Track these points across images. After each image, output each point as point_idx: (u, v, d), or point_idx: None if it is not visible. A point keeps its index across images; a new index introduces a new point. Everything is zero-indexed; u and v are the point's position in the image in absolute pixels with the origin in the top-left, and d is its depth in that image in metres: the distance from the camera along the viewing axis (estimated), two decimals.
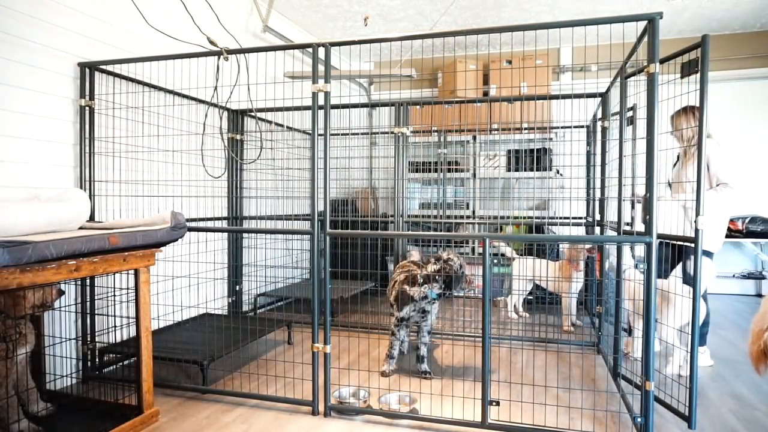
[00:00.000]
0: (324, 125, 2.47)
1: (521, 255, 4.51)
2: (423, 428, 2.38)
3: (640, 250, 3.74)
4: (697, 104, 2.22)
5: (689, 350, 2.24)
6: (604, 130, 3.50)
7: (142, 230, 2.28)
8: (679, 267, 3.08)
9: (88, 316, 2.84)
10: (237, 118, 4.12)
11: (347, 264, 4.91)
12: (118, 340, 3.04)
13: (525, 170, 5.30)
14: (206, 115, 3.25)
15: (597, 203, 3.79)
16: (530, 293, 4.61)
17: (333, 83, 3.07)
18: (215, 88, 2.89)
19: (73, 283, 2.81)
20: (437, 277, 2.88)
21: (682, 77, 2.42)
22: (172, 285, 3.45)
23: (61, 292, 2.21)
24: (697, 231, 2.22)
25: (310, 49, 2.47)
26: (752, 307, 4.99)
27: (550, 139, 5.33)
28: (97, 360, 2.90)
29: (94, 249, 2.05)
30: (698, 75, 2.23)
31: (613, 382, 2.93)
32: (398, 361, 3.20)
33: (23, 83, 2.58)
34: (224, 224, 4.09)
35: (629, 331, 3.45)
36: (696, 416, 2.25)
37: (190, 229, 2.66)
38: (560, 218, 4.94)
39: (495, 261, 5.08)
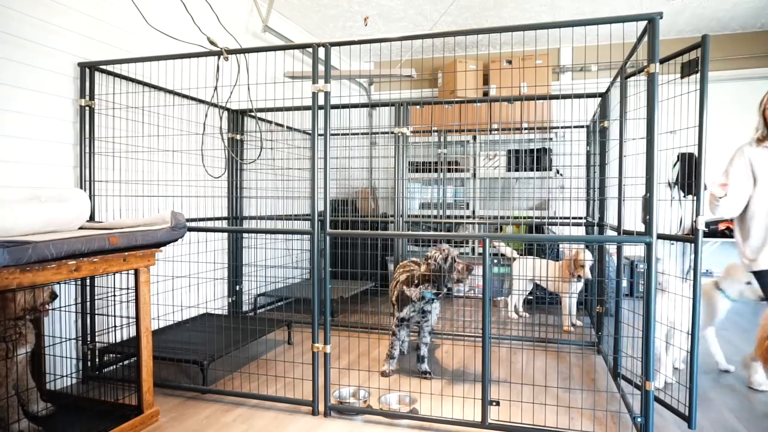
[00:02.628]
0: (324, 125, 2.47)
1: (521, 255, 4.51)
2: (423, 428, 2.38)
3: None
4: (698, 105, 2.22)
5: (689, 350, 2.24)
6: (603, 130, 3.50)
7: (142, 230, 2.28)
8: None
9: (88, 316, 2.84)
10: (237, 118, 4.12)
11: (347, 264, 4.92)
12: (118, 340, 3.04)
13: (525, 170, 5.30)
14: (206, 115, 3.25)
15: (597, 203, 3.79)
16: (530, 293, 4.61)
17: (333, 83, 3.07)
18: (215, 88, 2.89)
19: (73, 283, 2.81)
20: (427, 277, 2.89)
21: (682, 77, 2.42)
22: (172, 285, 3.45)
23: (54, 295, 2.20)
24: (696, 231, 2.23)
25: (310, 49, 2.47)
26: (753, 307, 4.99)
27: (550, 139, 5.33)
28: (97, 360, 2.90)
29: (94, 249, 2.05)
30: (698, 75, 2.23)
31: (613, 382, 2.93)
32: (398, 361, 3.20)
33: (23, 83, 2.58)
34: (224, 224, 4.09)
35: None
36: (696, 416, 2.25)
37: (190, 229, 2.66)
38: (560, 218, 4.94)
39: (495, 261, 5.08)
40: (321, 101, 2.46)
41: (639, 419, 2.16)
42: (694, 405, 2.23)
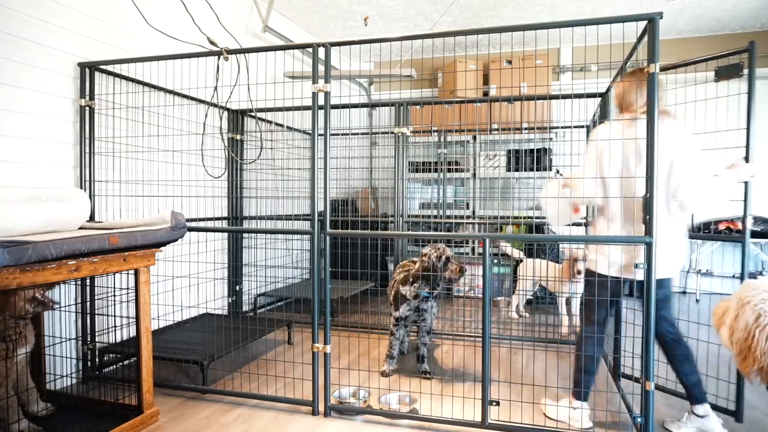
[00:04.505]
0: (324, 125, 2.47)
1: (526, 256, 4.51)
2: (423, 428, 2.38)
3: None
4: (746, 107, 2.27)
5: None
6: None
7: (142, 230, 2.28)
8: None
9: (88, 316, 2.84)
10: (237, 118, 4.12)
11: (347, 264, 4.91)
12: (118, 340, 3.04)
13: (525, 170, 5.30)
14: (206, 115, 3.25)
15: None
16: (533, 294, 4.61)
17: (333, 83, 3.07)
18: (215, 88, 2.89)
19: (73, 283, 2.81)
20: (421, 275, 2.89)
21: (717, 80, 2.43)
22: (172, 285, 3.45)
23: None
24: (744, 230, 2.29)
25: (310, 49, 2.47)
26: None
27: (550, 139, 5.33)
28: (97, 360, 2.90)
29: (94, 249, 2.05)
30: (740, 79, 2.31)
31: (613, 382, 2.93)
32: (398, 361, 3.20)
33: (23, 83, 2.58)
34: (224, 224, 4.09)
35: None
36: (743, 411, 2.33)
37: (190, 229, 2.66)
38: None
39: (496, 261, 5.08)
40: (321, 101, 2.46)
41: (639, 419, 2.16)
42: (741, 399, 2.29)
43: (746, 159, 2.27)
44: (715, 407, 2.41)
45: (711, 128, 2.52)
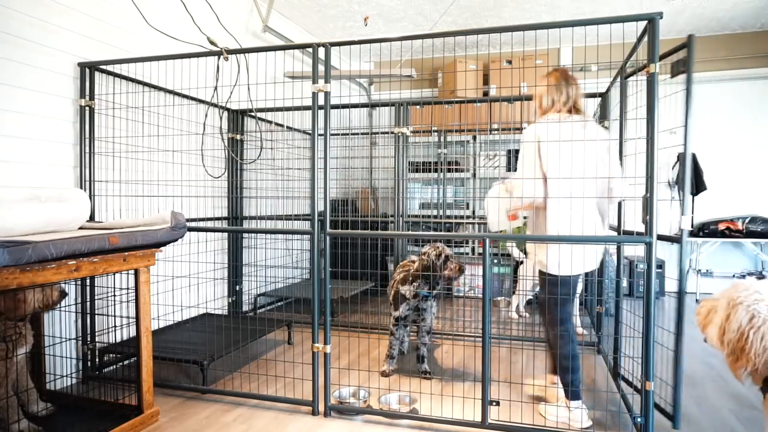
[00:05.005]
0: (324, 125, 2.47)
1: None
2: (423, 428, 2.38)
3: None
4: (684, 102, 2.25)
5: (674, 350, 2.25)
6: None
7: (142, 230, 2.28)
8: None
9: (88, 316, 2.84)
10: (237, 118, 4.12)
11: (347, 264, 4.91)
12: (118, 340, 3.04)
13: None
14: (206, 115, 3.25)
15: None
16: (533, 294, 4.61)
17: (333, 83, 3.08)
18: (215, 88, 2.89)
19: (73, 283, 2.81)
20: (420, 274, 2.90)
21: (672, 76, 2.43)
22: (172, 285, 3.45)
23: (63, 294, 2.21)
24: (681, 231, 2.28)
25: (310, 49, 2.47)
26: None
27: None
28: (97, 360, 2.90)
29: (94, 249, 2.05)
30: (685, 74, 2.26)
31: (613, 382, 2.93)
32: (398, 361, 3.20)
33: (23, 83, 2.58)
34: (224, 224, 4.09)
35: None
36: (680, 416, 2.27)
37: (190, 229, 2.66)
38: None
39: (496, 261, 5.08)
40: (321, 101, 2.46)
41: (639, 419, 2.16)
42: (678, 405, 2.25)
43: (678, 156, 2.28)
44: (663, 411, 2.41)
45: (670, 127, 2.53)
